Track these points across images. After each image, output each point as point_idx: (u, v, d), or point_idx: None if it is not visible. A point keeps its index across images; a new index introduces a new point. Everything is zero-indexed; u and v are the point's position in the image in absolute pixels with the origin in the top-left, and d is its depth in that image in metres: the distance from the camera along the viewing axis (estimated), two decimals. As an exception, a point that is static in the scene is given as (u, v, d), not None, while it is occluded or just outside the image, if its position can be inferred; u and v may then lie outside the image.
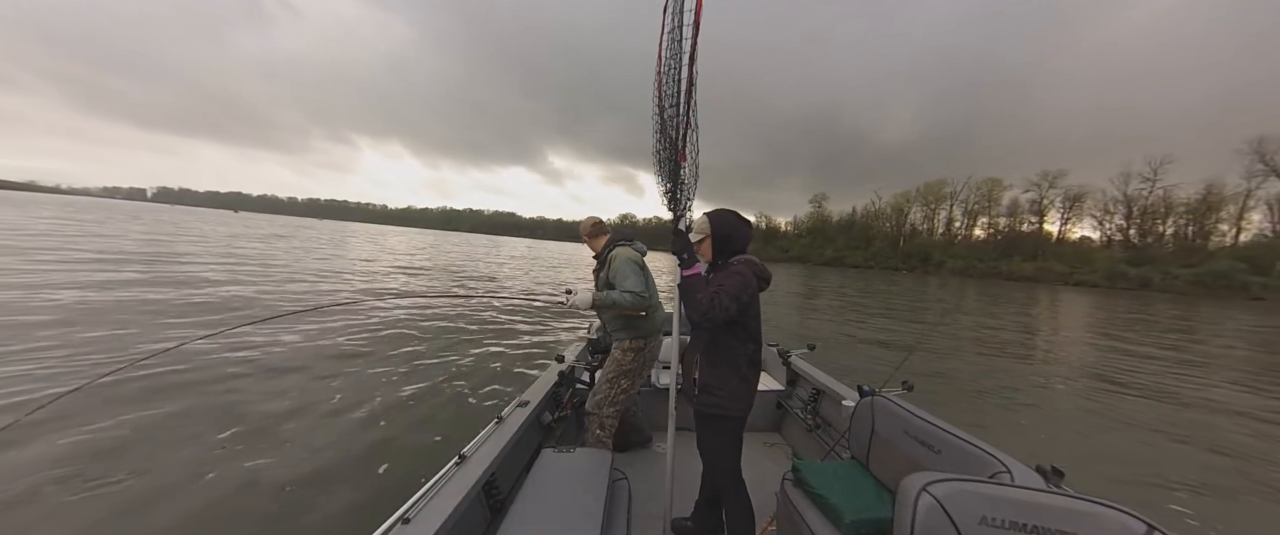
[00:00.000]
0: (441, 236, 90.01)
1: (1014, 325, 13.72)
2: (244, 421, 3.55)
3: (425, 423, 3.76)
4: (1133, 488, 3.58)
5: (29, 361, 4.35)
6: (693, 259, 1.65)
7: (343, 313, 7.02)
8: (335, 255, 19.68)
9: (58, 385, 3.84)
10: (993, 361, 7.85)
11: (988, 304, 21.42)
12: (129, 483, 2.70)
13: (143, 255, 13.31)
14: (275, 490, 2.72)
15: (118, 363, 4.37)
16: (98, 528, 2.34)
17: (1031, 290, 40.93)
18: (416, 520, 1.34)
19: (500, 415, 2.08)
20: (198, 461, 2.96)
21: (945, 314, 15.48)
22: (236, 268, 12.48)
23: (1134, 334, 13.27)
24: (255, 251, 18.02)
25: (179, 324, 6.16)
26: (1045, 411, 5.44)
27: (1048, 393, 6.28)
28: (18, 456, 2.83)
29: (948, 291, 29.90)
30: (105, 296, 7.30)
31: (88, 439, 3.13)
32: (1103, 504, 0.99)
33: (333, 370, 4.81)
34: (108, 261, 11.32)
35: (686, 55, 1.55)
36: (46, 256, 11.05)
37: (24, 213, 31.28)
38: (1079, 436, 4.72)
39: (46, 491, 2.54)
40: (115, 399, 3.68)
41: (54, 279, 8.38)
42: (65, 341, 4.97)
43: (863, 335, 9.64)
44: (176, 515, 2.45)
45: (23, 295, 6.88)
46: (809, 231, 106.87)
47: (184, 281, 9.42)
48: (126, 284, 8.61)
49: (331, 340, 5.83)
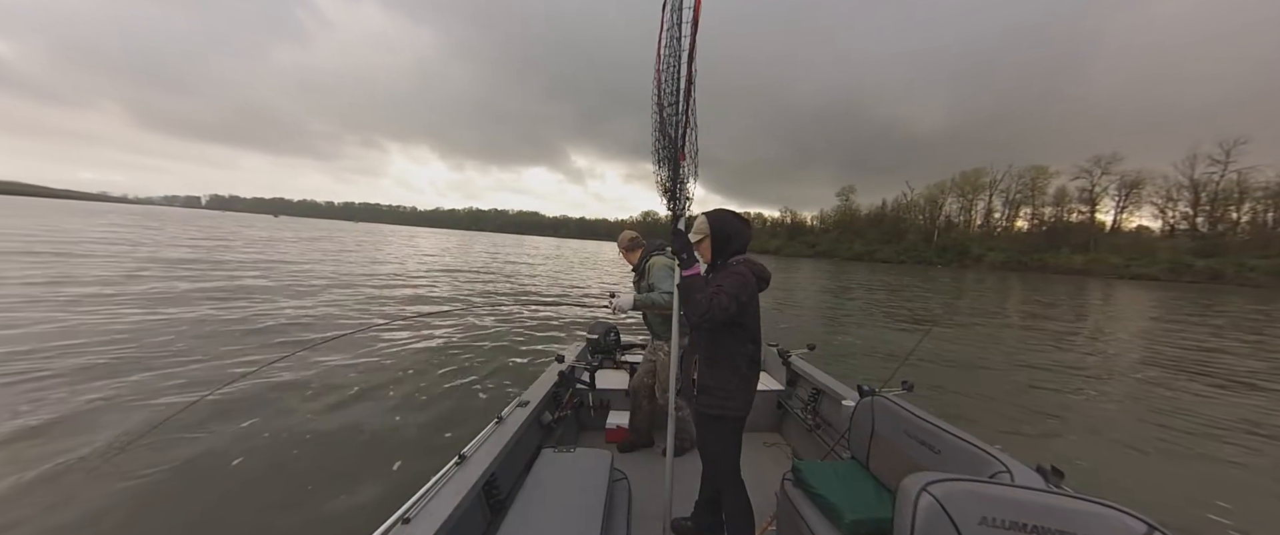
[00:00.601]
0: (469, 237, 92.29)
1: (1064, 323, 12.91)
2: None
3: (439, 423, 3.87)
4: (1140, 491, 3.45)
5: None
6: (692, 259, 1.67)
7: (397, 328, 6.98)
8: (376, 261, 20.15)
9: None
10: (1039, 366, 7.40)
11: (1030, 296, 20.20)
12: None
13: (253, 262, 14.64)
14: (299, 483, 2.88)
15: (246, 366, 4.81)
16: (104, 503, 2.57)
17: (1082, 284, 38.45)
18: (416, 520, 1.35)
19: (500, 415, 2.10)
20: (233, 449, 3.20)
21: (973, 311, 14.58)
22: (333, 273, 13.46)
23: (1207, 331, 12.20)
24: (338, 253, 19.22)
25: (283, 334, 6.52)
26: (1086, 418, 5.10)
27: (1095, 398, 5.91)
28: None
29: (987, 287, 28.31)
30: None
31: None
32: (1103, 504, 0.98)
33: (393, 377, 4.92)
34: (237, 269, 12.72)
35: (685, 52, 1.56)
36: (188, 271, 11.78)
37: (107, 220, 34.34)
38: (1078, 436, 4.55)
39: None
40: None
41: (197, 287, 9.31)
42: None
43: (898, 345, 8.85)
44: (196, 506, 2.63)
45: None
46: (835, 225, 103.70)
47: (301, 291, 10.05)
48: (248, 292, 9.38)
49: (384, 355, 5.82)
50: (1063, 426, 4.76)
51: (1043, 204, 76.22)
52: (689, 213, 1.78)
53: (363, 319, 7.71)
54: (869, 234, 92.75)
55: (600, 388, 3.09)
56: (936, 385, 5.80)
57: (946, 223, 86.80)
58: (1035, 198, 77.06)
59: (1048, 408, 5.29)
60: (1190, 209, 62.01)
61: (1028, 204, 78.24)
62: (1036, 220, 76.07)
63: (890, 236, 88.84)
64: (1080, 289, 31.14)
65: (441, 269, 17.87)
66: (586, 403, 3.07)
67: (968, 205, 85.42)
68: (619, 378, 3.30)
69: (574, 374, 2.90)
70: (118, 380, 4.25)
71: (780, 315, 11.27)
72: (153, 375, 4.44)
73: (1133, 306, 19.07)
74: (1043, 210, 76.06)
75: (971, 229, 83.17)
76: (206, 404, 3.70)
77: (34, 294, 7.47)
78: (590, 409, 3.09)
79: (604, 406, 3.09)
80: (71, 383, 4.11)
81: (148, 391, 4.09)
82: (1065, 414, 5.11)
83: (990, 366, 7.04)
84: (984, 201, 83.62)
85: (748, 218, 1.82)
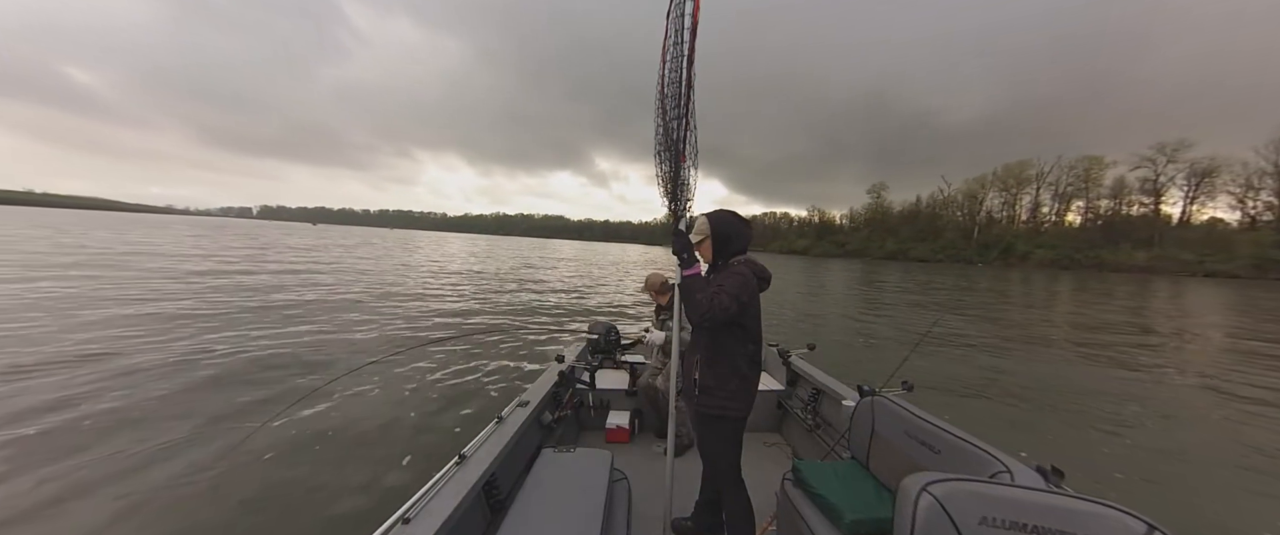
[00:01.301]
0: (494, 241, 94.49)
1: (1135, 332, 11.62)
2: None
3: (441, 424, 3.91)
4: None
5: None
6: (692, 259, 1.69)
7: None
8: (406, 266, 20.94)
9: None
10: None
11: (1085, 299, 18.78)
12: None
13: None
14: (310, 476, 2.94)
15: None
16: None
17: (1145, 283, 35.58)
18: (416, 520, 1.35)
19: (500, 415, 2.11)
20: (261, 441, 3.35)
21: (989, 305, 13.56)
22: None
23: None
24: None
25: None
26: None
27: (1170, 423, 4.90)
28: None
29: (1035, 287, 26.50)
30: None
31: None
32: (1103, 504, 0.98)
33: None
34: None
35: (685, 57, 1.61)
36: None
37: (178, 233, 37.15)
38: (1079, 437, 4.26)
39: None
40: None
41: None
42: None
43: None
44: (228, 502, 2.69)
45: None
46: (866, 224, 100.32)
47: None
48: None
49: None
50: (1061, 427, 4.36)
51: (1098, 196, 71.26)
52: (690, 214, 1.80)
53: (373, 321, 7.92)
54: (902, 232, 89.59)
55: (600, 388, 3.11)
56: (1013, 400, 5.26)
57: (987, 219, 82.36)
58: (1089, 190, 72.19)
59: (1101, 423, 4.67)
60: (1276, 198, 56.06)
61: (1080, 197, 73.42)
62: (1090, 214, 71.25)
63: (925, 234, 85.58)
64: (1144, 288, 28.82)
65: (458, 273, 18.26)
66: (586, 403, 3.09)
67: (1011, 200, 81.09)
68: (619, 378, 3.32)
69: (574, 374, 2.93)
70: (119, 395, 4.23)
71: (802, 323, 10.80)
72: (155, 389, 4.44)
73: (1211, 307, 17.41)
74: (1098, 203, 71.28)
75: (1016, 224, 78.51)
76: (207, 403, 3.81)
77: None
78: (590, 409, 3.11)
79: (604, 406, 3.10)
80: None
81: (148, 390, 4.21)
82: (1122, 432, 4.48)
83: (1041, 381, 6.37)
84: (1030, 195, 79.05)
85: (749, 219, 1.83)
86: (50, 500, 2.60)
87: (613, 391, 3.12)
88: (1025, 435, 4.37)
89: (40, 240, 20.68)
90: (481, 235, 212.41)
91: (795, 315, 11.50)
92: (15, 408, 3.70)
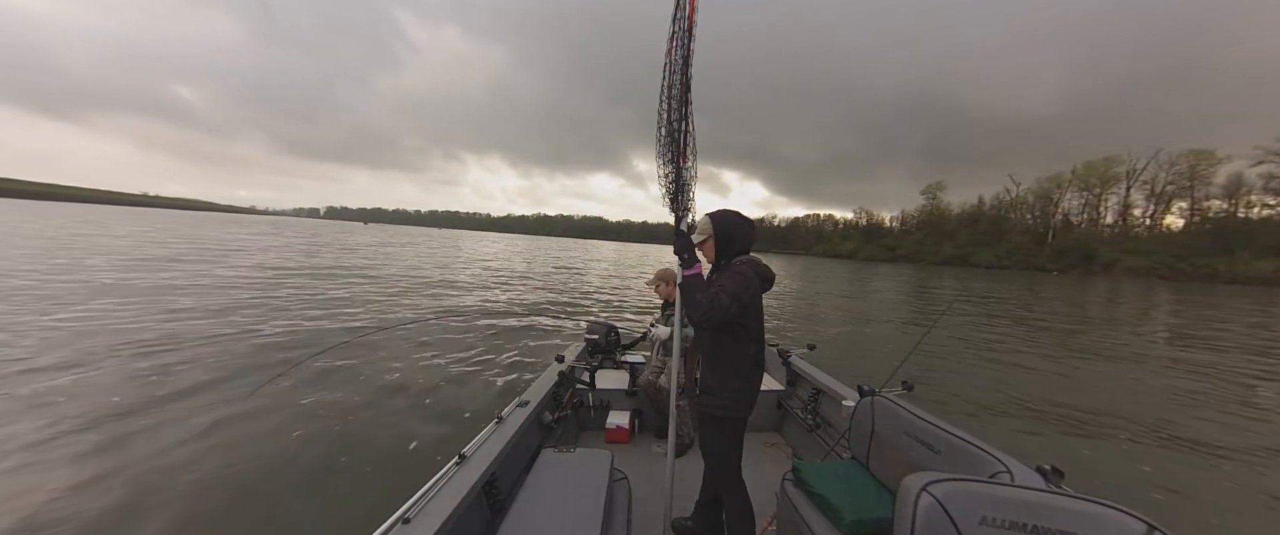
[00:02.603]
0: (534, 241, 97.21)
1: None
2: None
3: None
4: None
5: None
6: (693, 259, 1.70)
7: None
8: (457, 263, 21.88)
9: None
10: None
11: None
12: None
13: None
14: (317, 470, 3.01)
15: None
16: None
17: (1273, 297, 30.18)
18: (416, 520, 1.37)
19: (500, 415, 2.14)
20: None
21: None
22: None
23: None
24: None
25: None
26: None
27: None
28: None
29: (1133, 300, 22.79)
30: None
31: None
32: (1103, 504, 0.98)
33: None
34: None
35: (682, 60, 1.67)
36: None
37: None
38: (1078, 437, 3.91)
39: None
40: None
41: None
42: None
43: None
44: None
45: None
46: (919, 226, 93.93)
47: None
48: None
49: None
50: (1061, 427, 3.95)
51: (1207, 196, 62.41)
52: (692, 214, 1.82)
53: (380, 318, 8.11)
54: (961, 236, 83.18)
55: (600, 388, 3.15)
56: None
57: (1064, 222, 74.30)
58: (1195, 188, 63.36)
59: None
60: None
61: (1184, 197, 64.80)
62: (1197, 217, 62.52)
63: (989, 238, 78.83)
64: (1271, 302, 24.34)
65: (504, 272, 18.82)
66: (586, 403, 3.12)
67: (1094, 200, 72.88)
68: (619, 378, 3.34)
69: (574, 374, 2.98)
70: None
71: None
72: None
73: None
74: (1207, 204, 62.49)
75: (1099, 228, 70.34)
76: (208, 403, 3.91)
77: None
78: (590, 409, 3.14)
79: (604, 406, 3.13)
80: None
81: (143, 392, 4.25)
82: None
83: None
84: (1117, 196, 70.58)
85: (753, 220, 1.83)
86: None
87: (613, 391, 3.15)
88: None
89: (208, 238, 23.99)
90: (522, 235, 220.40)
91: (840, 335, 9.39)
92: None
